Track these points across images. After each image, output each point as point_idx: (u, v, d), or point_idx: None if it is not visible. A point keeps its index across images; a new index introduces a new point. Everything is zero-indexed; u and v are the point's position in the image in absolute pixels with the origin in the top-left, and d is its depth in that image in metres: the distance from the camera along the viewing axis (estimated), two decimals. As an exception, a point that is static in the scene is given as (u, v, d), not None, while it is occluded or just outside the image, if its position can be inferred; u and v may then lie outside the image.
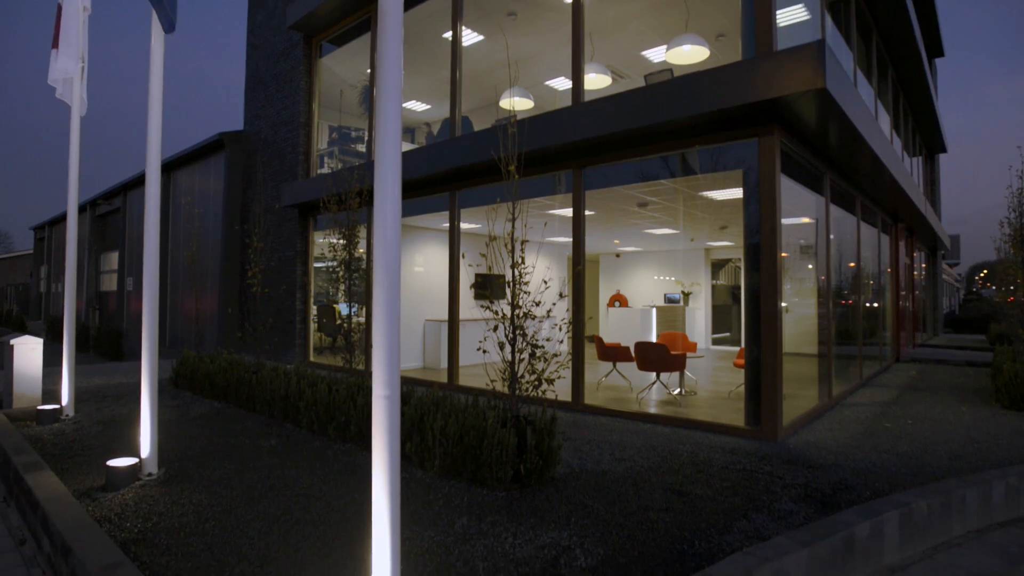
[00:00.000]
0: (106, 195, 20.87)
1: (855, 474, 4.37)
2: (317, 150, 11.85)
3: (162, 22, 4.42)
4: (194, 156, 15.04)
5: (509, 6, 8.75)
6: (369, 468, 2.71)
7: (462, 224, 8.64)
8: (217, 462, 4.60)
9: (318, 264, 11.62)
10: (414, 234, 11.18)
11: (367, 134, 11.31)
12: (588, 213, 7.48)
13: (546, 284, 4.41)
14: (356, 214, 6.81)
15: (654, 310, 14.17)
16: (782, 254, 5.66)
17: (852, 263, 9.14)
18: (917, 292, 16.79)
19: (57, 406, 6.11)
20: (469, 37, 9.27)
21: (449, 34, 8.76)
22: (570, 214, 7.09)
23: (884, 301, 11.90)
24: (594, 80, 8.39)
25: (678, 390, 7.96)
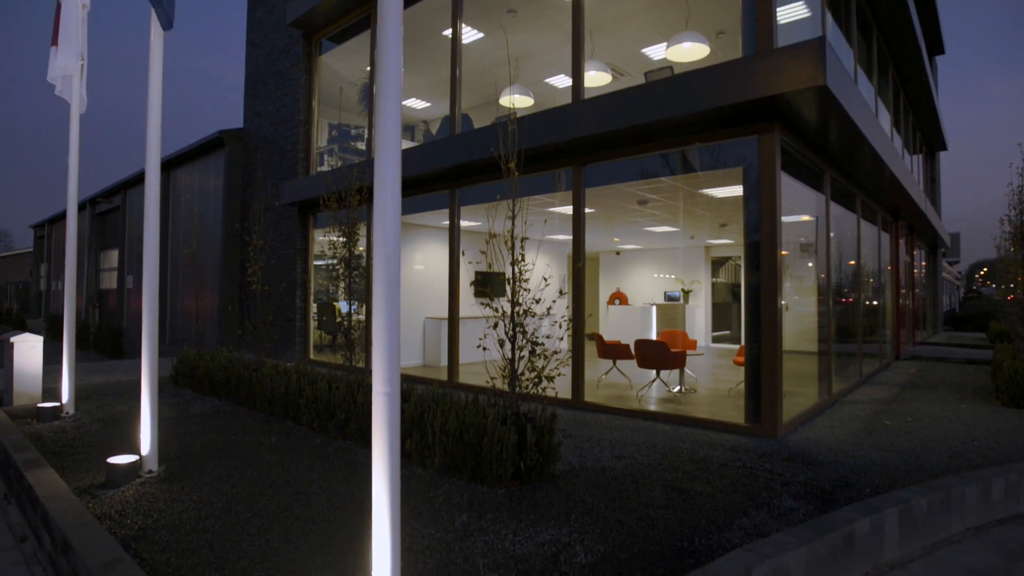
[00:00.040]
0: (106, 193, 20.87)
1: (855, 471, 4.37)
2: (317, 148, 11.84)
3: (160, 19, 4.42)
4: (194, 154, 15.03)
5: (509, 3, 8.73)
6: (369, 465, 2.71)
7: (462, 221, 8.63)
8: (217, 459, 4.60)
9: (318, 262, 11.62)
10: (414, 232, 11.18)
11: (367, 132, 11.31)
12: (588, 211, 7.48)
13: (546, 281, 4.40)
14: (356, 212, 6.80)
15: (654, 308, 14.15)
16: (782, 252, 5.66)
17: (852, 261, 9.14)
18: (917, 290, 16.80)
19: (57, 404, 6.12)
20: (469, 34, 9.25)
21: (449, 31, 8.75)
22: (570, 212, 7.09)
23: (884, 299, 11.90)
24: (594, 78, 8.40)
25: (678, 388, 7.96)
